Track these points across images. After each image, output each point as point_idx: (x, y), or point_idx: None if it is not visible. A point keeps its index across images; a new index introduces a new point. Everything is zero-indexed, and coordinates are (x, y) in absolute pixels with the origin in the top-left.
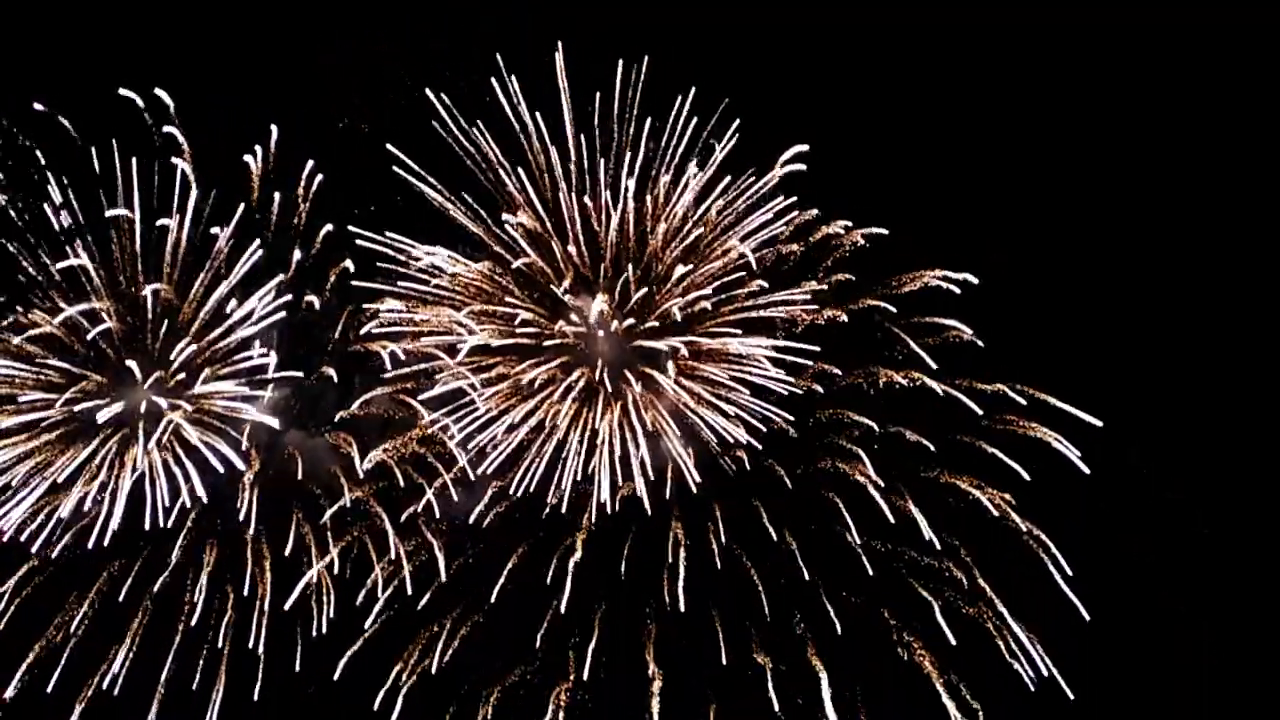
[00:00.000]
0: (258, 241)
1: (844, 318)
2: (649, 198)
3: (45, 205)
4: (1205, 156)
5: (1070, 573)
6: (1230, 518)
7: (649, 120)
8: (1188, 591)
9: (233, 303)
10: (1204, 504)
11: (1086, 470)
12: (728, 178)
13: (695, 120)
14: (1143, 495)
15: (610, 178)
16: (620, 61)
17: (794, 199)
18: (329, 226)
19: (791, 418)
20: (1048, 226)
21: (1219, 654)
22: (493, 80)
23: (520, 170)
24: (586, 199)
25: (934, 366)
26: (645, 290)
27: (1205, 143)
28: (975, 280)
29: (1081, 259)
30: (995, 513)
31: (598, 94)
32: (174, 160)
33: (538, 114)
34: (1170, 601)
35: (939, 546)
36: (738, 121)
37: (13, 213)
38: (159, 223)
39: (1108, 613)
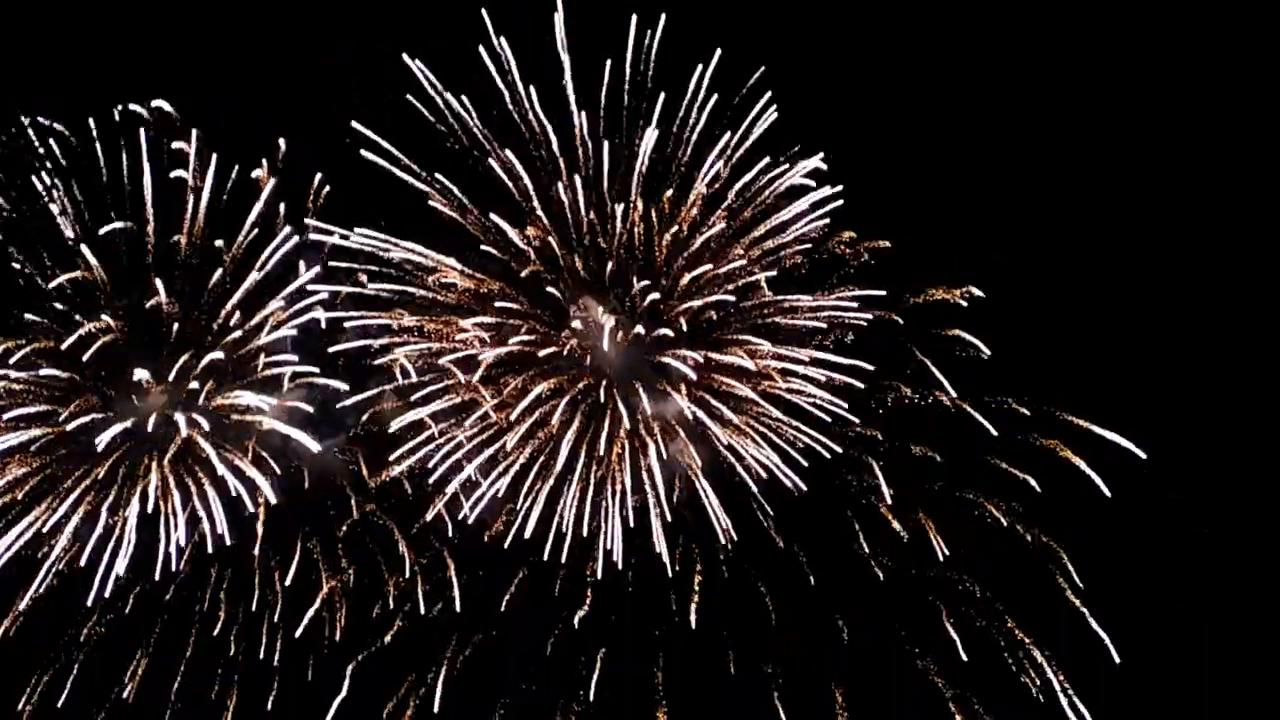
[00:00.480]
0: (280, 237)
1: (851, 337)
2: (654, 208)
3: (51, 214)
4: (1196, 158)
5: (1080, 585)
6: (1230, 518)
7: (663, 96)
8: (1188, 591)
9: (237, 315)
10: (1204, 504)
11: (1108, 492)
12: (757, 167)
13: (716, 97)
14: (1144, 496)
15: (620, 175)
16: (634, 19)
17: (840, 187)
18: (338, 237)
19: (837, 449)
20: (1045, 227)
21: (1219, 654)
22: (481, 49)
23: (514, 157)
24: (593, 214)
25: (950, 390)
26: (657, 295)
27: (1196, 144)
28: (980, 293)
29: (1079, 259)
30: (1004, 522)
31: (608, 61)
32: (181, 173)
33: (532, 88)
34: (1170, 601)
35: (947, 553)
36: (768, 94)
37: (15, 218)
38: (173, 239)
39: (1115, 620)
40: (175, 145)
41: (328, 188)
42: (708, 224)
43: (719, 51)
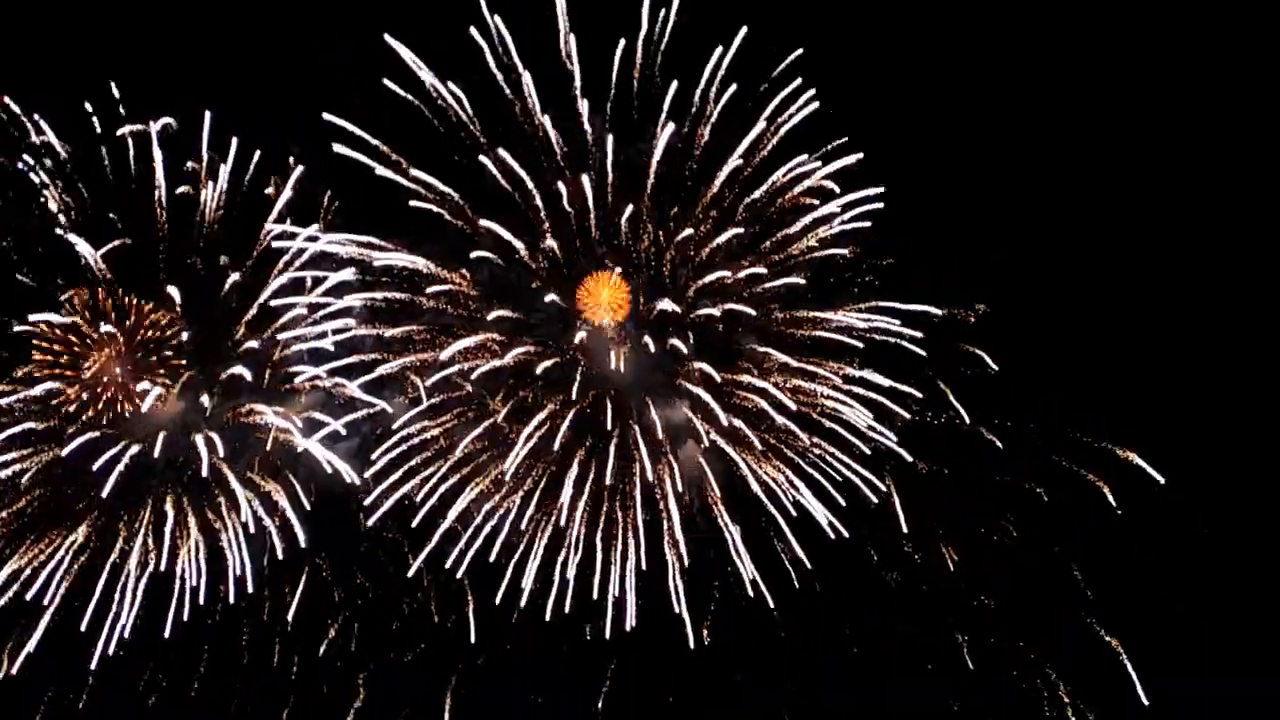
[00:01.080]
0: (293, 250)
1: (857, 362)
2: (667, 209)
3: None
4: (1193, 163)
5: (1090, 596)
6: (1230, 518)
7: (675, 84)
8: (1188, 591)
9: (253, 328)
10: (1204, 504)
11: (1118, 508)
12: (783, 167)
13: (735, 88)
14: (1147, 501)
15: (632, 173)
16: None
17: (881, 189)
18: (349, 247)
19: (882, 487)
20: (1044, 227)
21: (1219, 654)
22: (480, 38)
23: (519, 156)
24: (598, 219)
25: (963, 413)
26: (669, 305)
27: (1196, 149)
28: (984, 307)
29: (1079, 259)
30: (1013, 533)
31: (621, 41)
32: (186, 188)
33: (532, 83)
34: (1170, 601)
35: (956, 558)
36: (799, 80)
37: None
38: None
39: (1122, 628)
40: (180, 149)
41: (337, 203)
42: (729, 226)
43: (744, 30)
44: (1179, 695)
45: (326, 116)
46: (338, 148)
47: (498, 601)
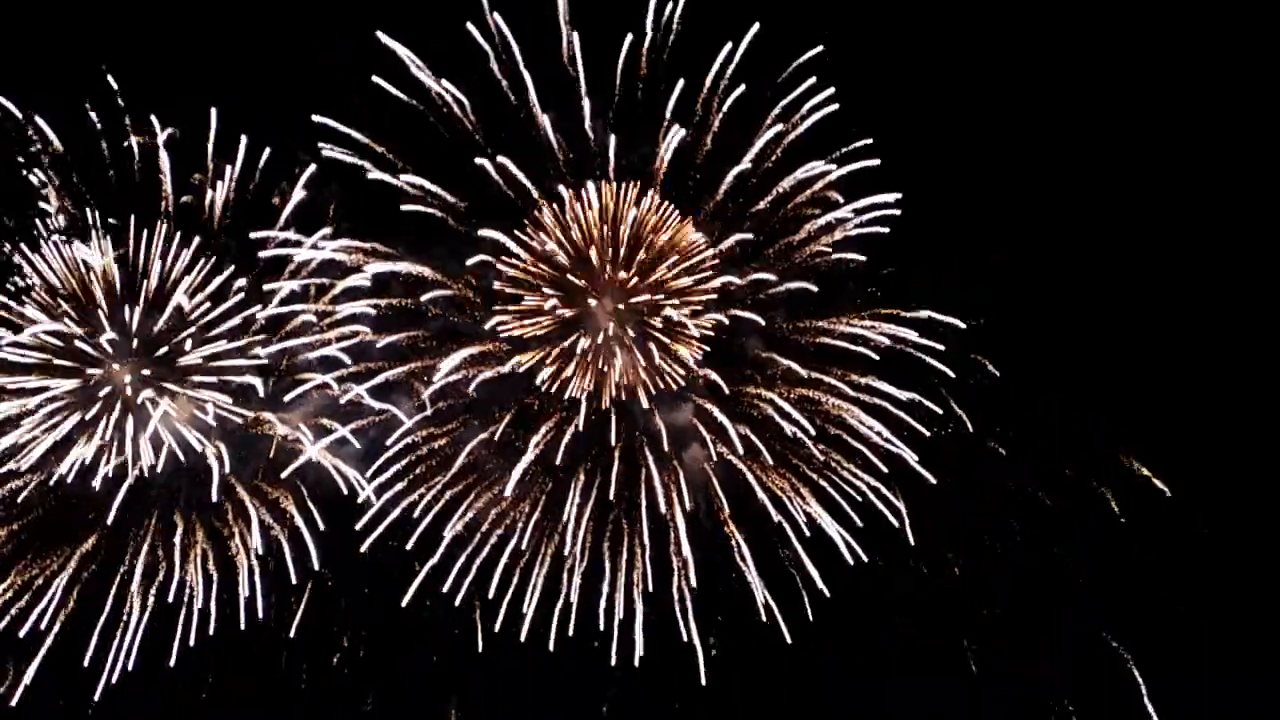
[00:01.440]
0: (300, 257)
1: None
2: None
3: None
4: (1196, 168)
5: (1091, 598)
6: (1230, 518)
7: (682, 83)
8: (1188, 591)
9: (263, 336)
10: (1204, 504)
11: (1122, 518)
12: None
13: (743, 88)
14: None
15: (639, 173)
16: None
17: (898, 195)
18: (355, 255)
19: (900, 506)
20: (1048, 233)
21: (1219, 653)
22: (475, 30)
23: (520, 158)
24: (601, 222)
25: (967, 422)
26: (674, 312)
27: (1194, 151)
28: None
29: (1081, 266)
30: (1018, 538)
31: (628, 36)
32: (188, 198)
33: (533, 86)
34: (1170, 601)
35: (961, 563)
36: (813, 79)
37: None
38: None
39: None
40: (183, 150)
41: (344, 208)
42: (737, 230)
43: (755, 26)
44: (1179, 695)
45: (316, 118)
46: (326, 150)
47: (497, 628)
